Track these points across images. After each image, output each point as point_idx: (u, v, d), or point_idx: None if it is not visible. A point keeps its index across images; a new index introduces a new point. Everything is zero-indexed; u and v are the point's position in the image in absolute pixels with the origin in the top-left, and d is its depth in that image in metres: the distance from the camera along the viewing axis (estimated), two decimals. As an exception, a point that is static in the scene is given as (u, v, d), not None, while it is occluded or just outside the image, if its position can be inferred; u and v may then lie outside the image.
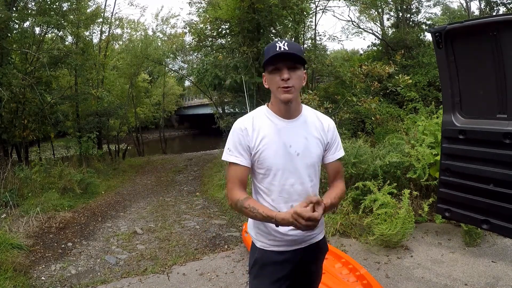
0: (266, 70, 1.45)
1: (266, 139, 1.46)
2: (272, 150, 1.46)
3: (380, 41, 13.37)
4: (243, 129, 1.47)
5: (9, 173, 6.21)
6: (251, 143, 1.47)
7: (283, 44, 1.39)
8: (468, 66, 1.87)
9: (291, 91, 1.42)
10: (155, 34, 16.03)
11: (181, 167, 11.51)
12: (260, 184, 1.52)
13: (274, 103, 1.51)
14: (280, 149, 1.46)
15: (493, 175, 1.74)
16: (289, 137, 1.48)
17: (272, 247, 1.52)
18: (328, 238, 4.01)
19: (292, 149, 1.47)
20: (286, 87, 1.40)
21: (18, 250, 4.09)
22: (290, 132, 1.49)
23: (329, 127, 1.58)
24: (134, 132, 19.66)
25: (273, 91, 1.47)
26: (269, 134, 1.47)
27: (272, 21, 8.26)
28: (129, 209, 6.37)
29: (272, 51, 1.39)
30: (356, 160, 4.53)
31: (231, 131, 1.51)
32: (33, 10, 8.78)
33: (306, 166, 1.50)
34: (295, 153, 1.48)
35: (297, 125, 1.51)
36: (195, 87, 19.34)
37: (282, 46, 1.39)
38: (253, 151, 1.47)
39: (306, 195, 1.44)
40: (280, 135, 1.47)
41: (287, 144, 1.47)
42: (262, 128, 1.48)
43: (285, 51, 1.38)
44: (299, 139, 1.49)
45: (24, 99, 8.33)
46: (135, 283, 3.41)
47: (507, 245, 3.54)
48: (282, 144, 1.47)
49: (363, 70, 6.61)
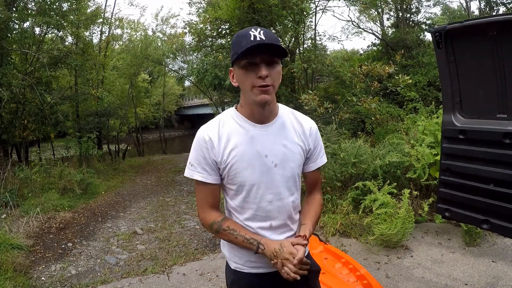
0: (236, 64, 1.17)
1: (236, 150, 1.21)
2: (244, 162, 1.21)
3: (380, 41, 13.37)
4: (207, 139, 1.21)
5: (9, 173, 6.21)
6: (218, 156, 1.21)
7: (258, 32, 1.12)
8: (468, 66, 1.87)
9: (269, 91, 1.16)
10: (155, 34, 16.06)
11: (181, 167, 11.51)
12: (232, 201, 1.28)
13: (245, 105, 1.24)
14: (254, 160, 1.22)
15: (493, 175, 1.74)
16: (264, 146, 1.23)
17: (249, 269, 1.29)
18: (328, 238, 4.01)
19: (269, 159, 1.23)
20: (263, 86, 1.14)
21: (18, 250, 4.09)
22: (266, 140, 1.23)
23: (311, 130, 1.33)
24: (134, 132, 19.67)
25: (244, 91, 1.20)
26: (240, 144, 1.21)
27: (272, 21, 8.25)
28: (129, 209, 6.37)
29: (245, 41, 1.11)
30: (356, 160, 4.53)
31: (194, 141, 1.24)
32: (33, 10, 8.77)
33: (285, 178, 1.26)
34: (272, 164, 1.24)
35: (273, 131, 1.25)
36: (195, 87, 19.33)
37: (257, 35, 1.11)
38: (221, 165, 1.22)
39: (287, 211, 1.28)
40: (253, 144, 1.22)
41: (262, 154, 1.22)
42: (232, 137, 1.22)
43: (262, 42, 1.10)
44: (276, 147, 1.24)
45: (24, 99, 8.33)
46: (135, 283, 3.41)
47: (507, 245, 3.54)
48: (256, 154, 1.22)
49: (363, 70, 6.61)
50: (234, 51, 1.16)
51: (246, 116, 1.24)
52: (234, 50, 1.16)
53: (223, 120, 1.26)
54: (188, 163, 1.25)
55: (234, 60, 1.17)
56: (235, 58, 1.15)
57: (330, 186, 4.60)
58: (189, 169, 1.25)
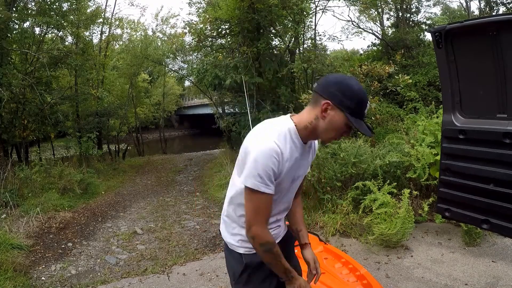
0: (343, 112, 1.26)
1: (289, 164, 1.32)
2: (289, 177, 1.35)
3: (380, 41, 13.35)
4: (279, 153, 1.25)
5: (9, 173, 6.20)
6: (282, 170, 1.29)
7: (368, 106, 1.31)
8: (468, 66, 1.87)
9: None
10: (155, 34, 16.02)
11: (181, 167, 11.51)
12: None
13: (310, 130, 1.33)
14: (292, 175, 1.37)
15: (493, 175, 1.74)
16: (301, 164, 1.39)
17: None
18: (328, 238, 4.01)
19: (297, 174, 1.40)
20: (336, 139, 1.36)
21: (18, 250, 4.09)
22: (303, 158, 1.40)
23: (316, 146, 1.55)
24: (134, 132, 19.66)
25: (326, 131, 1.31)
26: (292, 159, 1.32)
27: (272, 21, 8.25)
28: (129, 209, 6.37)
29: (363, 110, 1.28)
30: (356, 160, 4.53)
31: (263, 152, 1.24)
32: (33, 10, 8.77)
33: (296, 187, 1.48)
34: (297, 178, 1.42)
35: (307, 151, 1.42)
36: (195, 87, 19.32)
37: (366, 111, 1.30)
38: (278, 178, 1.30)
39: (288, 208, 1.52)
40: (297, 162, 1.35)
41: (297, 170, 1.39)
42: (291, 154, 1.32)
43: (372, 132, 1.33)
44: (305, 165, 1.44)
45: (24, 99, 8.32)
46: (135, 283, 3.41)
47: (507, 245, 3.54)
48: (295, 170, 1.37)
49: (363, 70, 6.61)
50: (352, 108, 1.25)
51: (302, 136, 1.34)
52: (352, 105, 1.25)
53: (288, 135, 1.32)
54: (256, 175, 1.24)
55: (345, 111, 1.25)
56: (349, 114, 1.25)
57: (330, 186, 4.60)
58: (256, 181, 1.25)
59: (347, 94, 1.25)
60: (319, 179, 4.63)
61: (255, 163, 1.24)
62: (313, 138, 1.38)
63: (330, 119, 1.28)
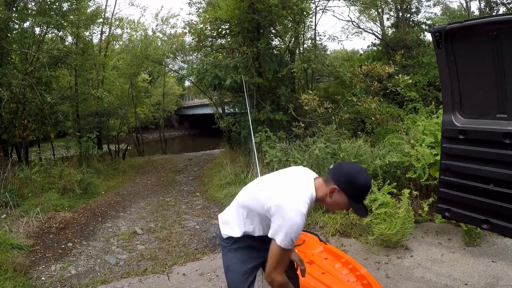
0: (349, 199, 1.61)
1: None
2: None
3: (380, 41, 13.35)
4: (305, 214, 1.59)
5: (9, 173, 6.20)
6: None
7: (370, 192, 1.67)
8: (468, 66, 1.87)
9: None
10: (155, 34, 16.01)
11: (181, 167, 11.51)
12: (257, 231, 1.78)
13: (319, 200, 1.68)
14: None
15: (493, 175, 1.74)
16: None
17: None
18: (328, 238, 4.02)
19: None
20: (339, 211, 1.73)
21: (18, 250, 4.09)
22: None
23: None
24: (134, 132, 19.66)
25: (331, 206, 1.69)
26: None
27: (272, 21, 8.25)
28: (129, 209, 6.37)
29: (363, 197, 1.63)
30: (356, 160, 4.53)
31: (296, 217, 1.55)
32: (33, 10, 8.76)
33: None
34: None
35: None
36: (195, 87, 19.30)
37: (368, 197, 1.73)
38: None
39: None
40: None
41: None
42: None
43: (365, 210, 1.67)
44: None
45: (24, 99, 8.32)
46: (135, 283, 3.41)
47: (507, 245, 3.54)
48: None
49: (363, 70, 6.60)
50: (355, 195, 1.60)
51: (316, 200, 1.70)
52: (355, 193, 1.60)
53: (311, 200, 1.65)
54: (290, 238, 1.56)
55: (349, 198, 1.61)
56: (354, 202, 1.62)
57: (330, 186, 4.60)
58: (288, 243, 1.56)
59: (354, 186, 1.59)
60: (319, 179, 4.63)
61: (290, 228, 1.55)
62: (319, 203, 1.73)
63: (335, 200, 1.64)
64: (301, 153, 5.09)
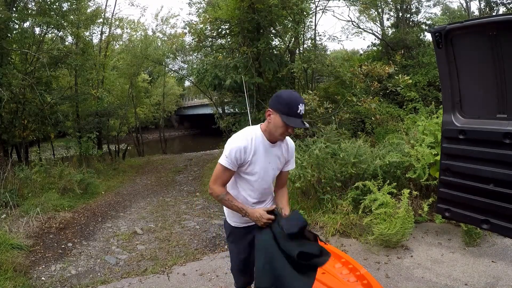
0: (279, 116, 1.83)
1: (256, 156, 1.96)
2: (259, 164, 1.98)
3: (380, 41, 13.36)
4: (242, 149, 1.91)
5: (9, 173, 6.21)
6: (246, 158, 1.94)
7: (302, 107, 1.82)
8: (468, 66, 1.87)
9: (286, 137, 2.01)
10: (155, 34, 16.04)
11: (181, 167, 11.51)
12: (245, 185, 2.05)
13: (268, 133, 1.95)
14: (263, 163, 1.99)
15: (493, 175, 1.74)
16: (270, 156, 2.01)
17: (241, 223, 2.13)
18: (328, 238, 4.02)
19: (270, 164, 2.02)
20: (286, 135, 1.96)
21: (18, 250, 4.09)
22: (270, 152, 2.00)
23: (291, 147, 2.13)
24: (134, 132, 19.67)
25: (274, 131, 1.91)
26: (258, 152, 1.96)
27: (272, 21, 8.25)
28: (129, 209, 6.37)
29: (294, 110, 1.81)
30: (356, 160, 4.53)
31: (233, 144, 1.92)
32: (33, 10, 8.77)
33: (273, 174, 2.09)
34: (270, 167, 2.03)
35: (277, 147, 2.03)
36: (195, 87, 19.32)
37: (301, 110, 1.82)
38: (245, 162, 1.95)
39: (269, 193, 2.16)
40: (264, 154, 1.98)
41: (267, 161, 2.00)
42: (257, 148, 1.95)
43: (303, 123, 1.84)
44: (275, 158, 2.04)
45: (24, 99, 8.33)
46: (135, 283, 3.41)
47: (507, 245, 3.54)
48: (265, 160, 1.99)
49: (363, 70, 6.61)
50: (284, 111, 1.82)
51: (268, 138, 1.98)
52: (284, 109, 1.82)
53: (254, 137, 1.95)
54: (225, 156, 1.92)
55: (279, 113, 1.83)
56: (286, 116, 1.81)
57: (330, 186, 4.60)
58: (224, 159, 1.92)
59: (279, 101, 1.85)
60: (319, 179, 4.63)
61: (226, 150, 1.93)
62: (273, 138, 1.95)
63: (273, 121, 1.88)
64: (301, 153, 5.09)
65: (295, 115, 1.81)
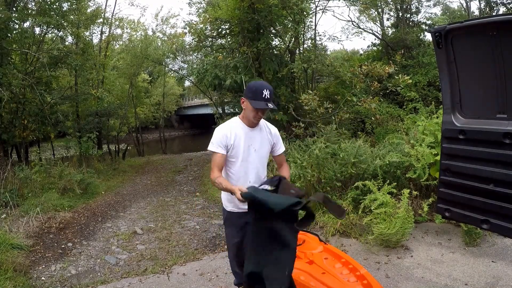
0: (249, 100, 2.18)
1: (238, 140, 2.27)
2: (241, 147, 2.28)
3: (380, 41, 13.36)
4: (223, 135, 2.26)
5: (9, 173, 6.20)
6: (229, 142, 2.27)
7: (267, 92, 2.13)
8: (468, 66, 1.87)
9: (260, 119, 2.29)
10: (155, 34, 16.04)
11: (181, 167, 11.51)
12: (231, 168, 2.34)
13: (246, 118, 2.29)
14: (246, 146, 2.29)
15: (493, 175, 1.74)
16: (251, 139, 2.31)
17: (237, 209, 2.39)
18: (328, 238, 4.02)
19: (252, 147, 2.31)
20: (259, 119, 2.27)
21: (18, 250, 4.09)
22: (252, 136, 2.32)
23: (274, 131, 2.45)
24: (134, 132, 19.67)
25: (247, 114, 2.25)
26: (240, 137, 2.28)
27: (272, 21, 8.25)
28: (129, 209, 6.37)
29: (259, 95, 2.14)
30: (356, 160, 4.53)
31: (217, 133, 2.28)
32: (33, 10, 8.77)
33: (259, 158, 2.36)
34: (253, 149, 2.32)
35: (257, 131, 2.34)
36: (195, 87, 19.35)
37: (266, 95, 2.13)
38: (229, 146, 2.27)
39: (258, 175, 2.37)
40: (245, 137, 2.29)
41: (249, 143, 2.30)
42: (237, 133, 2.28)
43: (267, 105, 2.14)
44: (258, 140, 2.34)
45: (24, 99, 8.33)
46: (135, 283, 3.41)
47: (507, 245, 3.54)
48: (247, 143, 2.29)
49: (363, 70, 6.61)
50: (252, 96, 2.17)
51: (246, 123, 2.32)
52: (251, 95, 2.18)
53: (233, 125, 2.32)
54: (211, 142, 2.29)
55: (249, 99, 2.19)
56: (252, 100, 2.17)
57: (330, 186, 4.60)
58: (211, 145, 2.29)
59: (248, 88, 2.22)
60: (319, 179, 4.63)
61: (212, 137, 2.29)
62: (250, 123, 2.28)
63: (246, 107, 2.23)
64: (301, 153, 5.09)
65: (261, 99, 2.14)
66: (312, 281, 2.39)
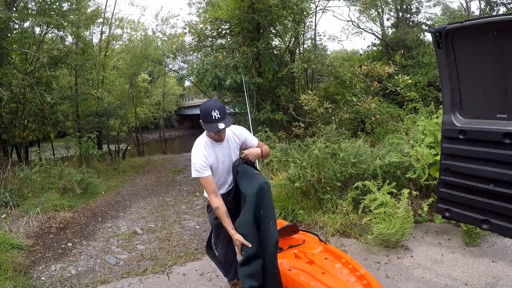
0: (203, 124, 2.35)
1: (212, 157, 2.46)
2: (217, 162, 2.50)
3: (380, 41, 13.36)
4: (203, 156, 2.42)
5: (9, 173, 6.21)
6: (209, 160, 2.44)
7: (216, 113, 2.27)
8: (468, 66, 1.87)
9: (223, 138, 2.47)
10: (155, 34, 16.01)
11: (181, 167, 11.51)
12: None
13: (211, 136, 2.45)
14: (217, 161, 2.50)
15: (493, 175, 1.74)
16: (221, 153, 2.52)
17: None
18: (328, 238, 4.02)
19: (221, 159, 2.52)
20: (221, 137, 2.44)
21: (18, 250, 4.09)
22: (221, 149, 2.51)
23: (237, 131, 2.62)
24: (134, 132, 19.67)
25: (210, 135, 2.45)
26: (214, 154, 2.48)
27: (272, 21, 8.25)
28: (129, 209, 6.37)
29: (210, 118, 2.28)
30: (356, 160, 4.52)
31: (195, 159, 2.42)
32: (33, 10, 8.76)
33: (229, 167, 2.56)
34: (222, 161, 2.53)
35: (224, 144, 2.52)
36: (195, 87, 19.35)
37: (216, 116, 2.27)
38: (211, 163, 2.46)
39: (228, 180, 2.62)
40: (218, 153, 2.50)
41: (220, 159, 2.51)
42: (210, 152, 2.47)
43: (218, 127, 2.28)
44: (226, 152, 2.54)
45: (24, 99, 8.32)
46: (135, 283, 3.41)
47: (507, 245, 3.54)
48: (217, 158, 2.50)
49: (363, 70, 6.61)
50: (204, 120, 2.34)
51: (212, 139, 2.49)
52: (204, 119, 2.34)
53: (204, 144, 2.48)
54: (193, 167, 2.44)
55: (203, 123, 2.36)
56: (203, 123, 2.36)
57: (330, 186, 4.60)
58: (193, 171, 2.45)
59: (200, 113, 2.35)
60: (319, 179, 4.63)
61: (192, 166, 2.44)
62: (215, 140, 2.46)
63: (205, 129, 2.39)
64: (301, 153, 5.09)
65: (212, 121, 2.27)
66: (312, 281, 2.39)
